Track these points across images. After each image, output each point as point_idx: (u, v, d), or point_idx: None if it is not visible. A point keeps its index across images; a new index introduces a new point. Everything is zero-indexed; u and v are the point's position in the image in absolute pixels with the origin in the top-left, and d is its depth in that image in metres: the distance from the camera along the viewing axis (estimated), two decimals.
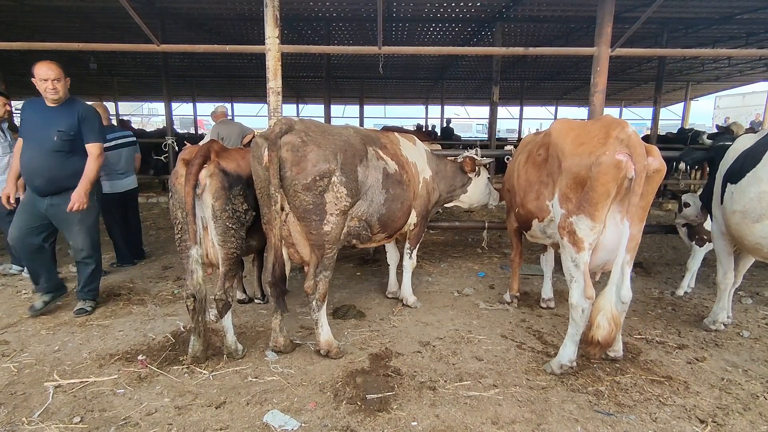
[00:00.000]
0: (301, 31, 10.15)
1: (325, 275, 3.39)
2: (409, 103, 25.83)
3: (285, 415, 2.74)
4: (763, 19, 8.61)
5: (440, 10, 8.54)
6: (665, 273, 5.65)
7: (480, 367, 3.36)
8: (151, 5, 7.97)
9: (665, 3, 5.34)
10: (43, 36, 9.66)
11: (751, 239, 3.38)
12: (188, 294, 3.24)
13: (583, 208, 2.98)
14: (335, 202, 3.27)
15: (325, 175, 3.20)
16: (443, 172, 4.67)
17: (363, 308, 4.40)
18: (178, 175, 3.23)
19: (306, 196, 3.18)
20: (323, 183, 3.20)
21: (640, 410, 2.85)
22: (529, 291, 4.90)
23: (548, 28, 9.72)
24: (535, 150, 3.69)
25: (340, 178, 3.26)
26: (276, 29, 4.30)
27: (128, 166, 5.69)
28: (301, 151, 3.15)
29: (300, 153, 3.15)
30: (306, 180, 3.15)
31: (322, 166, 3.18)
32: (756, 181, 3.29)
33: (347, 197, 3.32)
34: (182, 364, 3.34)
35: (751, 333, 3.96)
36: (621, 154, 2.83)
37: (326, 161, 3.20)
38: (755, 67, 13.84)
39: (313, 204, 3.21)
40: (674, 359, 3.50)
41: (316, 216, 3.24)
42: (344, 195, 3.30)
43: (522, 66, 14.62)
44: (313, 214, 3.23)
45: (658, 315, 4.36)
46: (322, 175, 3.19)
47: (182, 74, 15.50)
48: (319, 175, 3.18)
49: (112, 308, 4.38)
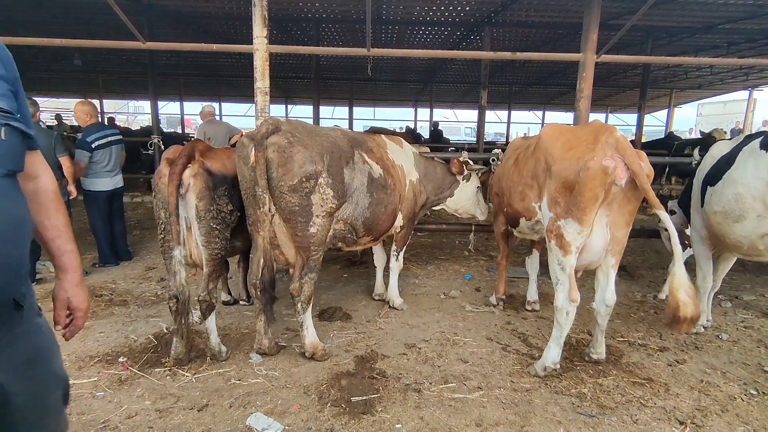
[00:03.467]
0: (290, 31, 10.11)
1: (311, 277, 3.37)
2: (398, 105, 25.88)
3: (268, 418, 2.71)
4: (743, 29, 8.82)
5: (429, 13, 8.58)
6: (648, 276, 5.74)
7: (465, 369, 3.37)
8: (138, 2, 7.86)
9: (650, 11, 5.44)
10: (25, 31, 9.46)
11: (732, 238, 3.53)
12: (171, 295, 3.20)
13: (571, 212, 3.02)
14: (321, 204, 3.25)
15: (312, 177, 3.18)
16: (431, 174, 4.66)
17: (349, 310, 4.39)
18: (161, 175, 3.19)
19: (292, 197, 3.16)
20: (310, 184, 3.18)
21: (622, 412, 2.88)
22: (515, 293, 4.94)
23: (536, 34, 9.82)
24: (524, 154, 3.72)
25: (326, 179, 3.25)
26: (264, 29, 4.27)
27: (116, 165, 5.61)
28: (288, 152, 3.13)
29: (286, 154, 3.12)
30: (292, 181, 3.13)
31: (308, 167, 3.17)
32: (731, 183, 3.44)
33: (333, 199, 3.31)
34: (164, 366, 3.29)
35: (730, 336, 4.04)
36: (608, 159, 2.87)
37: (313, 162, 3.19)
38: (736, 76, 14.18)
39: (299, 205, 3.19)
40: (655, 362, 3.56)
41: (302, 218, 3.22)
42: (330, 197, 3.29)
43: (510, 70, 14.74)
44: (299, 215, 3.21)
45: (641, 318, 4.42)
46: (309, 176, 3.17)
47: (169, 72, 15.28)
48: (305, 176, 3.16)
49: (93, 309, 4.29)
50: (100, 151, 5.38)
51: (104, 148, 5.42)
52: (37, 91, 19.34)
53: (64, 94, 22.60)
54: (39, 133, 4.81)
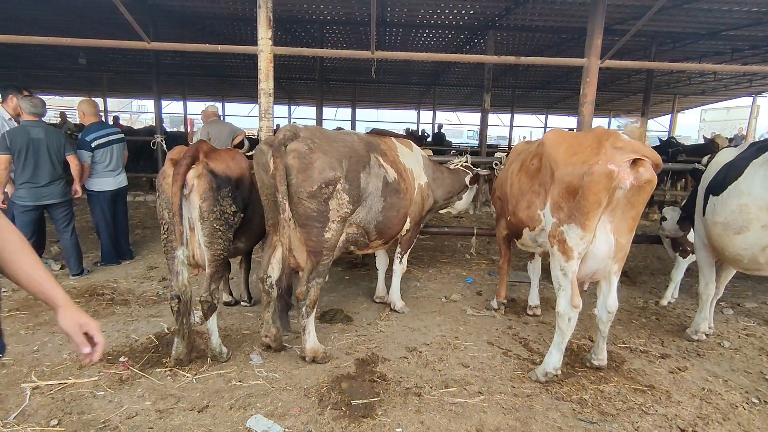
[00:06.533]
0: (294, 32, 10.13)
1: (318, 282, 3.37)
2: (401, 108, 25.90)
3: (268, 420, 2.71)
4: (747, 36, 8.82)
5: (434, 16, 8.59)
6: (650, 282, 5.73)
7: (466, 373, 3.36)
8: (143, 2, 7.89)
9: (654, 17, 5.43)
10: (31, 29, 9.50)
11: (732, 250, 3.44)
12: (173, 295, 3.19)
13: (574, 217, 3.02)
14: (338, 210, 3.26)
15: (331, 183, 3.18)
16: (441, 179, 4.65)
17: (350, 312, 4.38)
18: (165, 175, 3.19)
19: (311, 203, 3.16)
20: (329, 190, 3.18)
21: (623, 419, 2.87)
22: (516, 298, 4.93)
23: (540, 38, 9.83)
24: (528, 159, 3.71)
25: (344, 185, 3.25)
26: (269, 30, 4.28)
27: (118, 164, 5.62)
28: (308, 159, 3.12)
29: (306, 160, 3.12)
30: (312, 188, 3.13)
31: (328, 173, 3.17)
32: (737, 194, 3.35)
33: (349, 204, 3.32)
34: (165, 366, 3.29)
35: (732, 343, 4.03)
36: (612, 164, 2.87)
37: (332, 169, 3.19)
38: (740, 82, 14.17)
39: (317, 211, 3.19)
40: (657, 368, 3.54)
41: (318, 223, 3.22)
42: (346, 202, 3.29)
43: (513, 74, 14.76)
44: (316, 221, 3.21)
45: (643, 324, 4.41)
46: (328, 182, 3.17)
47: (173, 72, 15.33)
48: (325, 182, 3.16)
49: (95, 308, 4.30)
50: (100, 150, 5.37)
51: (104, 147, 5.40)
52: (42, 88, 19.41)
53: (68, 92, 22.68)
54: (49, 132, 4.86)
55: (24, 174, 4.74)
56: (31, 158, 4.74)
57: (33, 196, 4.83)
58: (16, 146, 4.68)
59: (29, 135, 4.73)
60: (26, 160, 4.72)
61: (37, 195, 4.85)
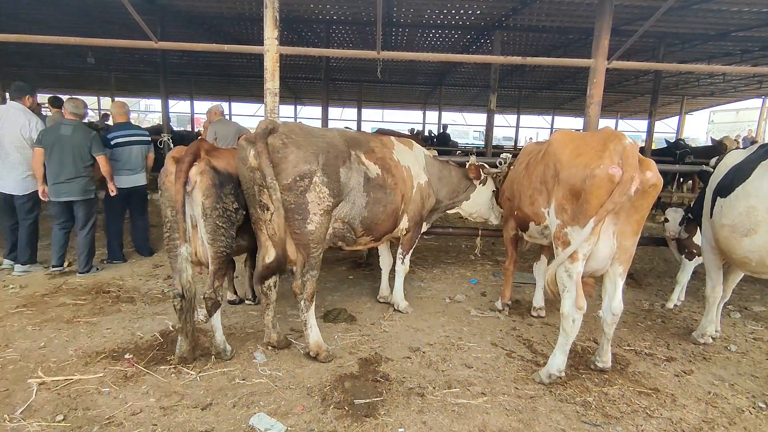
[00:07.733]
0: (300, 32, 10.16)
1: (312, 275, 3.41)
2: (407, 108, 25.89)
3: (271, 419, 2.72)
4: (757, 37, 8.73)
5: (440, 16, 8.59)
6: (656, 285, 5.68)
7: (469, 374, 3.36)
8: (151, 2, 7.95)
9: (663, 17, 5.40)
10: (41, 29, 9.59)
11: (739, 253, 3.40)
12: (176, 293, 3.21)
13: (577, 220, 3.00)
14: (318, 202, 3.31)
15: (306, 176, 3.25)
16: (446, 177, 4.63)
17: (354, 312, 4.39)
18: (168, 173, 3.22)
19: (287, 196, 3.24)
20: (304, 183, 3.25)
21: (627, 422, 2.85)
22: (521, 299, 4.91)
23: (547, 38, 9.79)
24: (535, 159, 3.71)
25: (321, 178, 3.31)
26: (275, 30, 4.29)
27: (137, 164, 5.69)
28: (282, 153, 3.22)
29: (280, 154, 3.21)
30: (287, 180, 3.21)
31: (302, 167, 3.24)
32: (745, 196, 3.31)
33: (330, 197, 3.37)
34: (170, 364, 3.31)
35: (739, 347, 3.99)
36: (615, 167, 2.85)
37: (307, 162, 3.26)
38: (749, 83, 14.03)
39: (295, 203, 3.26)
40: (662, 371, 3.51)
41: (299, 215, 3.29)
42: (327, 195, 3.34)
43: (520, 75, 14.71)
44: (296, 213, 3.28)
45: (648, 327, 4.38)
46: (303, 175, 3.24)
47: (180, 71, 15.44)
48: (299, 175, 3.23)
49: (101, 305, 4.33)
50: (119, 148, 5.52)
51: (124, 146, 5.55)
52: (51, 87, 19.60)
53: (77, 92, 22.79)
54: (77, 130, 4.94)
55: (49, 169, 4.91)
56: (56, 154, 4.89)
57: (54, 191, 4.96)
58: (47, 142, 4.88)
59: (59, 132, 4.92)
60: (52, 155, 4.88)
61: (57, 191, 4.96)
